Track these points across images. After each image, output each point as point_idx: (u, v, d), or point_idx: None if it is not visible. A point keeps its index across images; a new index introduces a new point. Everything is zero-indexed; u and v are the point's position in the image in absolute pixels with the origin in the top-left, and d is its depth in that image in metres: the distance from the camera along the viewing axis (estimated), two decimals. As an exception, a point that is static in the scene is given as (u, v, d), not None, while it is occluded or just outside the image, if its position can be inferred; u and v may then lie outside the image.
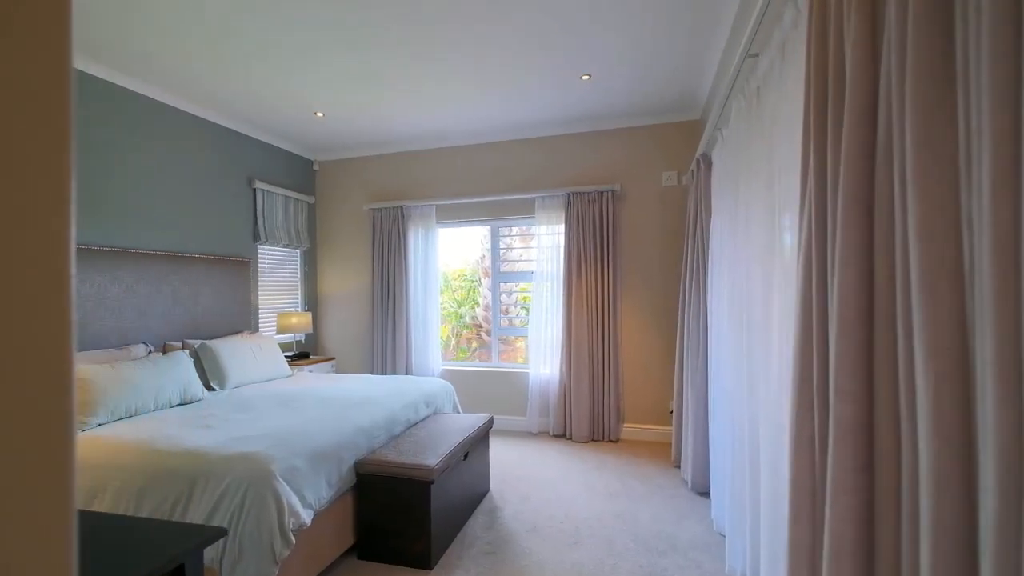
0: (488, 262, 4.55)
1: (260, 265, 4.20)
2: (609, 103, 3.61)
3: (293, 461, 1.88)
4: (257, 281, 4.15)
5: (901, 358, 0.57)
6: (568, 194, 3.96)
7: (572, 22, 2.52)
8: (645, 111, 3.77)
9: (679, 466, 3.24)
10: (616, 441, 3.88)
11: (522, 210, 4.21)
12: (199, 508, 1.73)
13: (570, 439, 3.92)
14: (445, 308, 4.84)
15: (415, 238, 4.44)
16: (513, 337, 4.58)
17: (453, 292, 4.97)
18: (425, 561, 2.13)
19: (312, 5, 2.36)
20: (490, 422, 2.91)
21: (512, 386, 4.25)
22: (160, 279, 3.24)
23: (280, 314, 4.23)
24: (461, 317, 4.96)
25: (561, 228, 4.03)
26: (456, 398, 3.44)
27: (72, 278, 0.29)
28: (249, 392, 2.96)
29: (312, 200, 4.76)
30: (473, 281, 4.93)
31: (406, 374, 4.40)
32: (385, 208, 4.48)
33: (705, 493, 2.82)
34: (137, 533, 0.83)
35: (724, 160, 2.39)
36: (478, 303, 4.91)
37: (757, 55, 1.72)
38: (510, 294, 4.60)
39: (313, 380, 3.40)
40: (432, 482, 2.12)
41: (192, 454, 1.86)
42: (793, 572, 0.88)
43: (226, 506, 1.71)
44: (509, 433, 4.13)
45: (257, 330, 4.10)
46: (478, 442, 2.74)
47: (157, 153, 3.31)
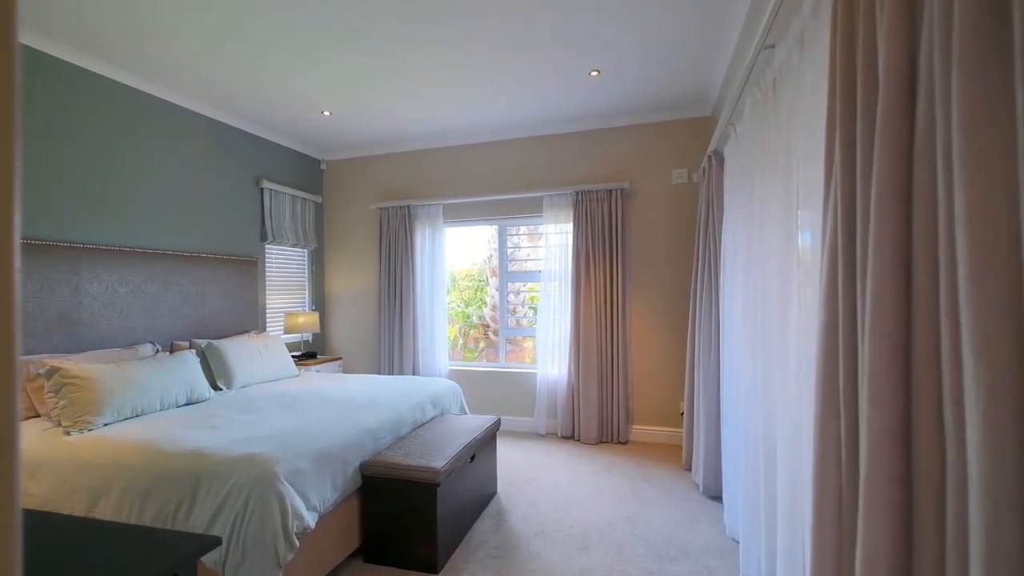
0: (495, 261, 4.51)
1: (267, 265, 4.19)
2: (618, 100, 3.56)
3: (297, 463, 1.85)
4: (264, 281, 4.15)
5: (945, 360, 0.53)
6: (576, 192, 3.91)
7: (580, 17, 2.48)
8: (655, 108, 3.72)
9: (690, 469, 3.18)
10: (625, 443, 3.83)
11: (530, 209, 4.17)
12: (203, 510, 1.71)
13: (578, 441, 3.87)
14: (452, 308, 4.81)
15: (422, 237, 4.41)
16: (521, 337, 4.54)
17: (460, 292, 4.94)
18: (432, 564, 2.09)
19: (316, 3, 2.33)
20: (497, 423, 2.87)
21: (519, 387, 4.21)
22: (167, 279, 3.24)
23: (287, 314, 4.22)
24: (468, 317, 4.93)
25: (569, 227, 3.98)
26: (463, 399, 3.41)
27: (16, 272, 0.25)
28: (255, 392, 2.95)
29: (319, 200, 4.75)
30: (480, 281, 4.89)
31: (413, 374, 4.38)
32: (392, 207, 4.46)
33: (717, 497, 2.76)
34: (130, 541, 0.80)
35: (737, 156, 2.34)
36: (485, 303, 4.88)
37: (773, 46, 1.66)
38: (518, 294, 4.56)
39: (319, 380, 3.38)
40: (438, 484, 2.08)
41: (196, 455, 1.84)
42: (818, 585, 0.83)
43: (229, 508, 1.68)
44: (516, 434, 4.08)
45: (264, 330, 4.09)
46: (485, 444, 2.70)
47: (165, 153, 3.31)
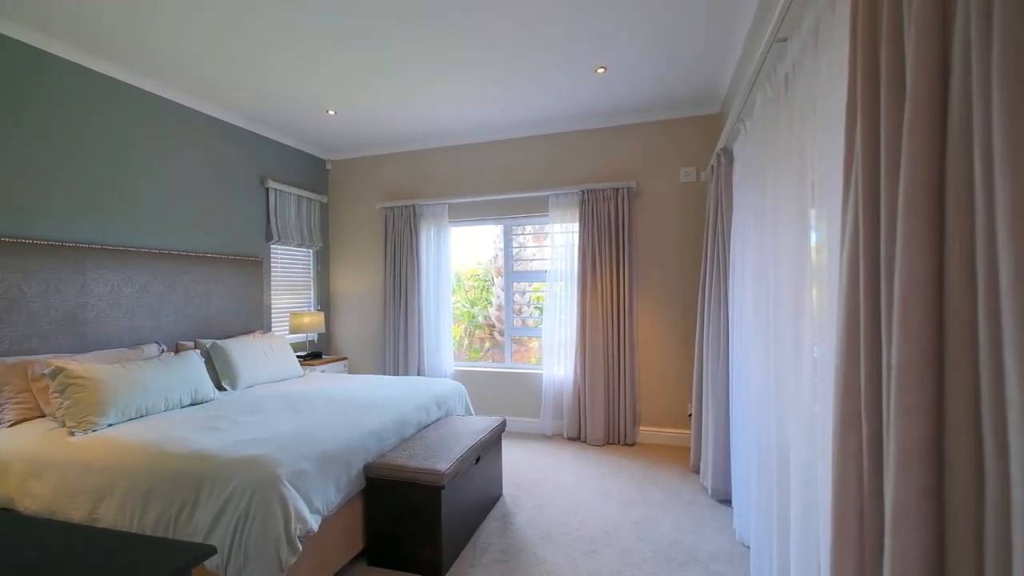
0: (501, 261, 4.48)
1: (273, 265, 4.19)
2: (625, 97, 3.51)
3: (301, 465, 1.83)
4: (270, 281, 4.14)
5: (984, 367, 0.49)
6: (582, 191, 3.87)
7: (586, 12, 2.44)
8: (662, 105, 3.67)
9: (698, 472, 3.13)
10: (632, 445, 3.78)
11: (535, 208, 4.13)
12: (205, 513, 1.69)
13: (585, 442, 3.83)
14: (458, 308, 4.78)
15: (427, 237, 4.39)
16: (526, 337, 4.50)
17: (466, 292, 4.91)
18: (436, 568, 2.07)
19: (315, 1, 2.31)
20: (502, 425, 2.84)
21: (525, 387, 4.18)
22: (173, 279, 3.24)
23: (292, 314, 4.21)
24: (474, 317, 4.90)
25: (575, 226, 3.94)
26: (468, 399, 3.38)
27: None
28: (260, 392, 2.94)
29: (325, 199, 4.74)
30: (486, 281, 4.86)
31: (418, 374, 4.36)
32: (397, 207, 4.44)
33: (726, 501, 2.71)
34: (123, 550, 0.77)
35: (747, 153, 2.29)
36: (491, 303, 4.85)
37: (785, 40, 1.62)
38: (523, 294, 4.53)
39: (324, 380, 3.37)
40: (443, 487, 2.06)
41: (199, 457, 1.82)
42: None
43: (232, 511, 1.66)
44: (522, 435, 4.05)
45: (270, 330, 4.09)
46: (491, 445, 2.67)
47: (170, 153, 3.31)
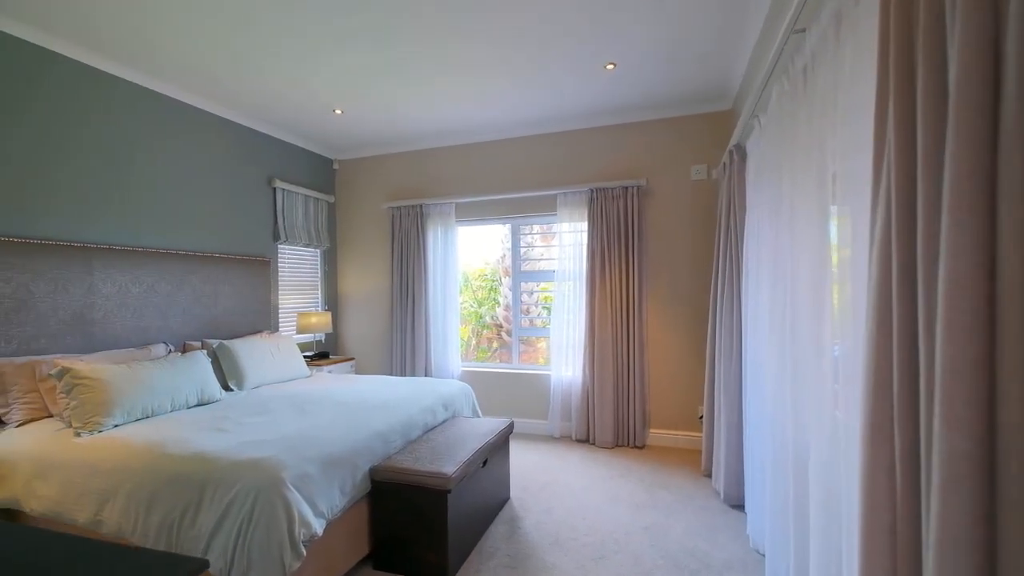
0: (508, 261, 4.44)
1: (280, 265, 4.18)
2: (634, 94, 3.45)
3: (305, 468, 1.80)
4: (277, 281, 4.14)
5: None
6: (591, 190, 3.82)
7: (596, 7, 2.39)
8: (673, 102, 3.60)
9: (710, 475, 3.06)
10: (642, 447, 3.72)
11: (543, 207, 4.09)
12: (208, 516, 1.67)
13: (593, 444, 3.78)
14: (465, 308, 4.75)
15: (434, 237, 4.36)
16: (534, 338, 4.46)
17: (473, 292, 4.88)
18: (442, 573, 2.03)
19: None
20: (510, 427, 2.80)
21: (533, 388, 4.13)
22: (180, 279, 3.24)
23: (300, 314, 4.20)
24: (481, 317, 4.87)
25: (584, 225, 3.88)
26: (475, 401, 3.35)
27: None
28: (266, 393, 2.92)
29: (332, 199, 4.73)
30: (493, 280, 4.83)
31: (425, 375, 4.33)
32: (404, 206, 4.42)
33: (739, 506, 2.65)
34: (112, 563, 0.74)
35: (762, 149, 2.22)
36: (498, 303, 4.81)
37: (804, 30, 1.56)
38: (531, 294, 4.48)
39: (331, 381, 3.35)
40: (449, 491, 2.02)
41: (202, 459, 1.80)
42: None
43: (235, 514, 1.64)
44: (530, 437, 4.01)
45: (277, 330, 4.08)
46: (498, 448, 2.63)
47: (177, 153, 3.31)
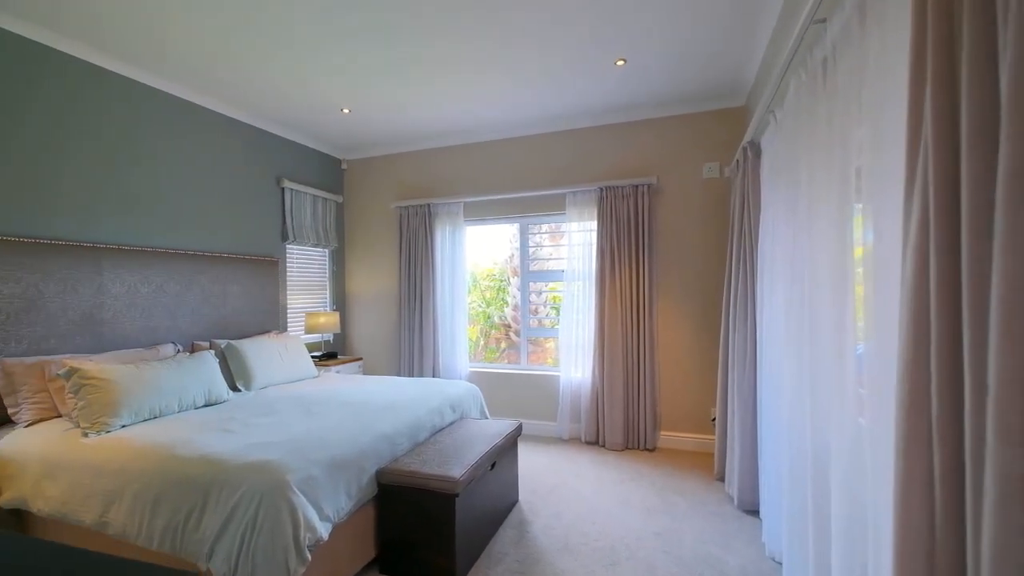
0: (517, 261, 4.40)
1: (288, 265, 4.18)
2: (645, 90, 3.39)
3: (311, 471, 1.77)
4: (285, 281, 4.13)
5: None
6: (601, 188, 3.76)
7: (606, 1, 2.34)
8: (684, 98, 3.54)
9: (723, 480, 3.00)
10: (652, 450, 3.66)
11: (552, 206, 4.04)
12: (213, 519, 1.65)
13: (603, 447, 3.72)
14: (473, 308, 4.72)
15: (442, 236, 4.33)
16: (543, 338, 4.41)
17: (482, 292, 4.84)
18: (450, 578, 2.00)
19: (333, -7, 2.26)
20: (519, 429, 2.76)
21: (542, 389, 4.09)
22: (189, 279, 3.24)
23: (308, 314, 4.20)
24: (489, 317, 4.83)
25: (593, 224, 3.83)
26: (483, 402, 3.31)
27: None
28: (274, 394, 2.91)
29: (340, 199, 4.72)
30: (502, 280, 4.79)
31: (433, 375, 4.30)
32: (412, 206, 4.39)
33: (754, 511, 2.58)
34: (101, 574, 0.71)
35: (778, 146, 2.16)
36: (507, 303, 4.77)
37: (824, 20, 1.50)
38: (540, 294, 4.44)
39: (338, 382, 3.33)
40: (457, 495, 1.98)
41: (208, 461, 1.78)
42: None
43: (240, 518, 1.61)
44: (539, 439, 3.96)
45: (285, 330, 4.08)
46: (506, 450, 2.59)
47: (186, 153, 3.31)
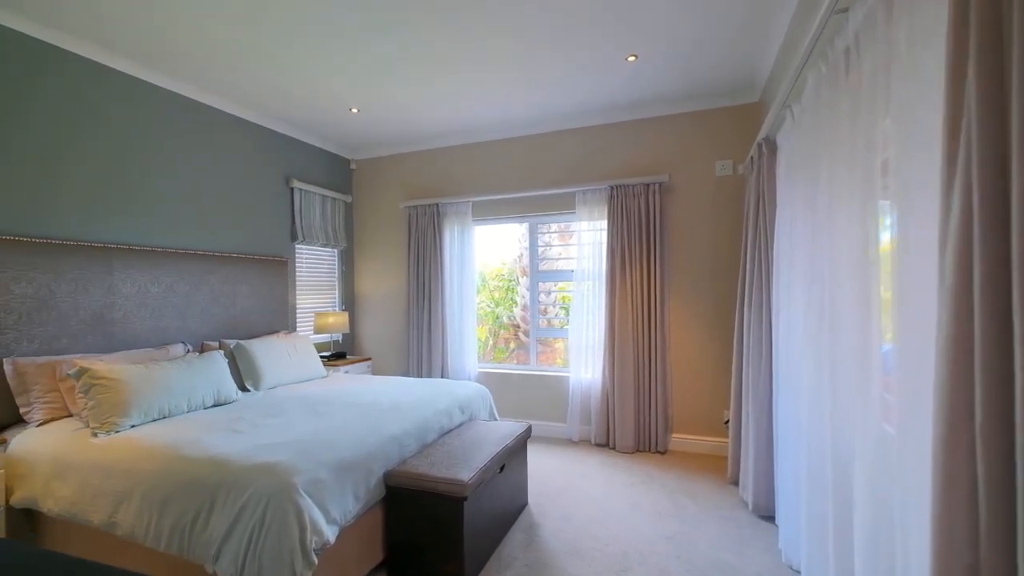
0: (526, 260, 4.36)
1: (297, 265, 4.18)
2: (657, 87, 3.34)
3: (318, 473, 1.75)
4: (295, 281, 4.14)
5: None
6: (611, 187, 3.71)
7: (618, -5, 2.30)
8: (696, 94, 3.48)
9: (737, 484, 2.94)
10: (664, 453, 3.60)
11: (562, 205, 4.00)
12: (220, 521, 1.63)
13: (613, 449, 3.67)
14: (482, 308, 4.69)
15: (451, 236, 4.31)
16: (552, 339, 4.37)
17: (491, 292, 4.81)
18: (458, 583, 1.97)
19: (341, -10, 2.24)
20: (528, 431, 2.72)
21: (551, 390, 4.05)
22: (199, 279, 3.24)
23: (317, 314, 4.20)
24: (498, 317, 4.80)
25: (603, 223, 3.78)
26: (492, 404, 3.27)
27: None
28: (282, 394, 2.90)
29: (349, 199, 4.72)
30: (511, 280, 4.75)
31: (442, 375, 4.28)
32: (420, 205, 4.38)
33: (769, 517, 2.52)
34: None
35: (795, 142, 2.10)
36: (516, 303, 4.74)
37: (846, 10, 1.44)
38: (549, 294, 4.40)
39: (347, 382, 3.32)
40: (466, 498, 1.95)
41: (215, 462, 1.77)
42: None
43: (246, 520, 1.60)
44: (548, 440, 3.92)
45: (295, 330, 4.08)
46: (516, 453, 2.55)
47: (196, 154, 3.32)
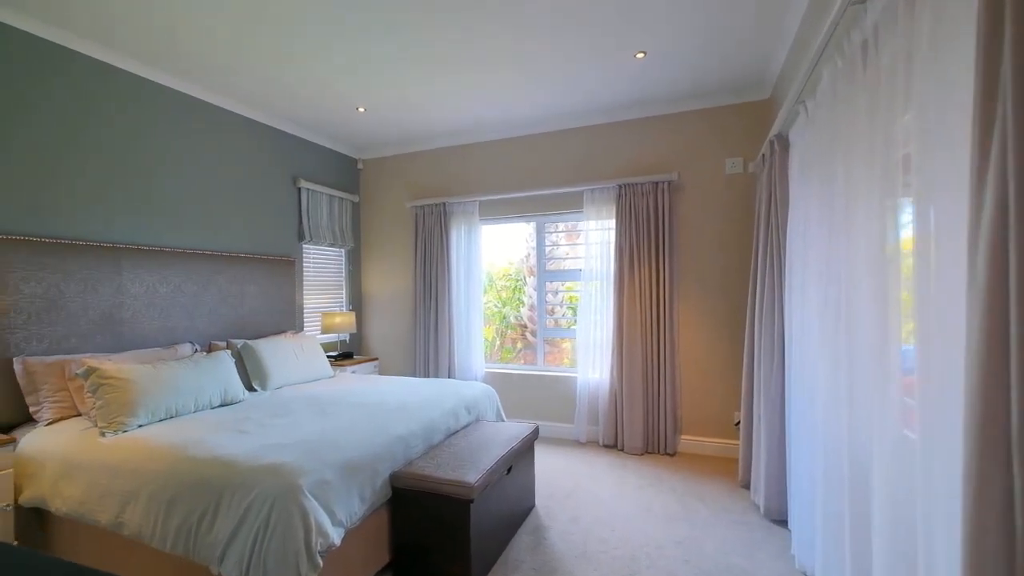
0: (533, 260, 4.33)
1: (305, 264, 4.18)
2: (665, 84, 3.29)
3: (324, 474, 1.74)
4: (302, 280, 4.14)
5: None
6: (619, 186, 3.67)
7: (627, -10, 2.26)
8: (706, 91, 3.43)
9: (748, 487, 2.89)
10: (673, 455, 3.56)
11: (569, 204, 3.96)
12: (225, 522, 1.62)
13: (622, 451, 3.63)
14: (489, 308, 4.66)
15: (458, 236, 4.29)
16: (559, 339, 4.34)
17: (498, 291, 4.79)
18: (465, 586, 1.94)
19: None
20: (535, 432, 2.69)
21: (558, 391, 4.01)
22: (207, 279, 3.25)
23: (324, 314, 4.20)
24: (505, 317, 4.77)
25: (611, 223, 3.74)
26: (499, 404, 3.25)
27: None
28: (289, 394, 2.90)
29: (356, 199, 4.72)
30: (518, 280, 4.73)
31: (449, 375, 4.27)
32: (427, 205, 4.36)
33: (782, 521, 2.47)
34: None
35: (808, 138, 2.06)
36: (523, 303, 4.71)
37: (864, 0, 1.40)
38: (556, 293, 4.36)
39: (353, 382, 3.31)
40: (472, 500, 1.93)
41: (221, 463, 1.76)
42: None
43: (251, 521, 1.58)
44: (555, 441, 3.89)
45: (302, 330, 4.08)
46: (523, 454, 2.53)
47: (204, 154, 3.33)
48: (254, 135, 3.71)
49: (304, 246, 4.16)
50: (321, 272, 4.40)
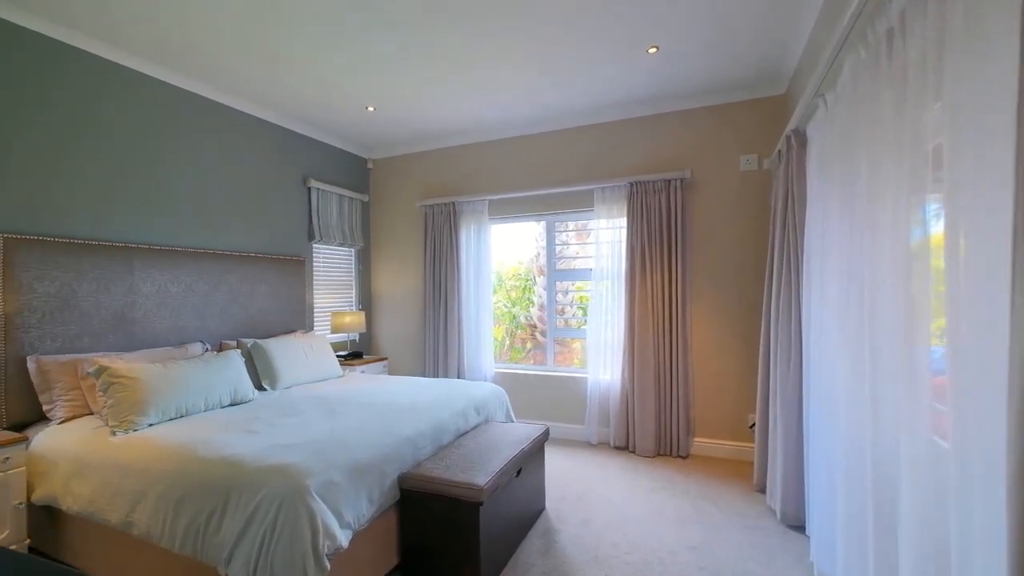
0: (543, 259, 4.29)
1: (315, 264, 4.19)
2: (678, 79, 3.24)
3: (332, 475, 1.72)
4: (312, 280, 4.14)
5: None
6: (630, 184, 3.62)
7: (639, -17, 2.22)
8: (719, 87, 3.36)
9: (763, 491, 2.82)
10: (686, 457, 3.50)
11: (580, 203, 3.92)
12: (233, 523, 1.61)
13: (633, 452, 3.58)
14: (498, 308, 4.64)
15: (467, 235, 4.27)
16: (569, 339, 4.30)
17: (507, 291, 4.76)
18: (474, 589, 1.91)
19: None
20: (546, 434, 2.66)
21: (569, 391, 3.97)
22: (218, 278, 3.26)
23: (334, 313, 4.20)
24: (515, 317, 4.74)
25: (623, 221, 3.69)
26: (509, 404, 3.21)
27: None
28: (298, 393, 2.89)
29: (366, 199, 4.72)
30: (528, 280, 4.69)
31: (458, 375, 4.24)
32: (437, 204, 4.34)
33: (799, 527, 2.41)
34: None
35: (828, 134, 1.99)
36: (533, 303, 4.67)
37: (889, -12, 1.34)
38: (566, 293, 4.32)
39: (362, 382, 3.30)
40: (481, 503, 1.90)
41: (229, 463, 1.75)
42: None
43: (259, 522, 1.57)
44: (566, 442, 3.85)
45: (312, 329, 4.09)
46: (533, 456, 2.49)
47: (215, 154, 3.34)
48: (264, 135, 3.72)
49: (314, 246, 4.17)
50: (331, 272, 4.41)
